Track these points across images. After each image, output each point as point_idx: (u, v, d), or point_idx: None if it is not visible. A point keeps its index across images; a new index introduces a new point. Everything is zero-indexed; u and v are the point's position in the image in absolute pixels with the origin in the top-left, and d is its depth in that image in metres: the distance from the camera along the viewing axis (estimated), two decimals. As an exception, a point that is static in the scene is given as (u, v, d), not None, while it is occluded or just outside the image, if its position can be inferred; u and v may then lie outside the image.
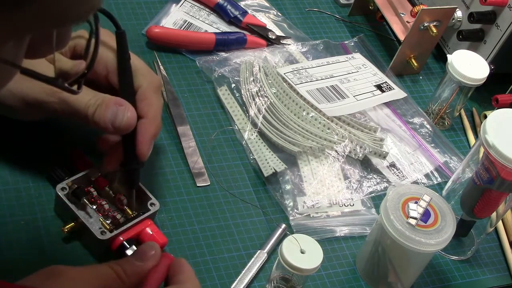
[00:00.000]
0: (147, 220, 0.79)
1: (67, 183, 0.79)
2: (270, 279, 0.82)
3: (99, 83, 0.82)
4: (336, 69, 1.07)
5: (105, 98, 0.78)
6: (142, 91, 0.81)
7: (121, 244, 0.77)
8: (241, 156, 0.95)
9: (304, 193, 0.92)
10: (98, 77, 0.82)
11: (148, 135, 0.79)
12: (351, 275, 0.88)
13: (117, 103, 0.77)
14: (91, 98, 0.78)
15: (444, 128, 1.09)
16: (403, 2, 1.16)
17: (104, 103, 0.77)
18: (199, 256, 0.83)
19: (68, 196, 0.78)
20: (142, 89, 0.81)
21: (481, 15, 1.08)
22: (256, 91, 0.99)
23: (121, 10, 1.06)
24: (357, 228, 0.92)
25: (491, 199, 0.85)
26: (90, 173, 0.81)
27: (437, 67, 1.18)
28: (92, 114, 0.77)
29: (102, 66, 0.81)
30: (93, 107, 0.77)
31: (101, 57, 0.81)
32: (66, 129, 0.88)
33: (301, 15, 1.17)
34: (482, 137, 0.81)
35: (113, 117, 0.77)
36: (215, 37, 1.05)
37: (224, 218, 0.88)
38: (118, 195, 0.81)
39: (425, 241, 0.79)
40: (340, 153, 0.95)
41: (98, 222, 0.78)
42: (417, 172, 0.99)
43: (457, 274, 0.92)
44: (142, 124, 0.79)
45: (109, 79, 0.81)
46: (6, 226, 0.79)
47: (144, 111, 0.80)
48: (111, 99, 0.78)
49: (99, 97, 0.78)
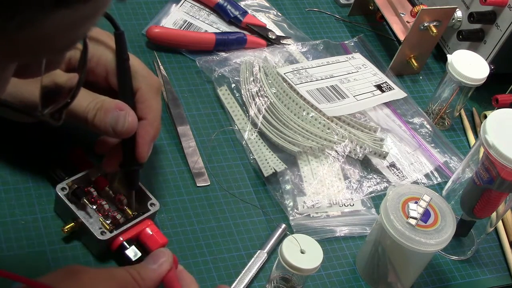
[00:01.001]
0: (147, 220, 0.79)
1: (67, 183, 0.79)
2: (270, 279, 0.82)
3: (98, 85, 0.82)
4: (336, 69, 1.07)
5: (105, 102, 0.78)
6: (142, 93, 0.81)
7: (121, 244, 0.77)
8: (241, 156, 0.95)
9: (304, 193, 0.92)
10: (97, 78, 0.81)
11: (148, 137, 0.79)
12: (351, 275, 0.88)
13: (117, 107, 0.77)
14: (91, 102, 0.77)
15: (444, 128, 1.09)
16: (403, 2, 1.16)
17: (104, 108, 0.77)
18: (199, 256, 0.83)
19: (68, 196, 0.78)
20: (142, 91, 0.81)
21: (481, 15, 1.08)
22: (256, 91, 0.99)
23: (121, 10, 1.06)
24: (357, 228, 0.92)
25: (491, 199, 0.85)
26: (90, 173, 0.81)
27: (437, 67, 1.18)
28: (92, 118, 0.77)
29: (102, 67, 0.81)
30: (92, 111, 0.77)
31: (101, 59, 0.80)
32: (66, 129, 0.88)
33: (301, 15, 1.17)
34: (482, 137, 0.81)
35: (114, 122, 0.76)
36: (215, 37, 1.05)
37: (224, 218, 0.88)
38: (118, 195, 0.81)
39: (425, 241, 0.79)
40: (340, 153, 0.95)
41: (98, 222, 0.78)
42: (417, 172, 0.99)
43: (457, 274, 0.92)
44: (141, 126, 0.79)
45: (109, 80, 0.81)
46: (6, 226, 0.79)
47: (143, 113, 0.80)
48: (111, 103, 0.77)
49: (99, 100, 0.78)
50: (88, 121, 0.77)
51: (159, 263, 0.73)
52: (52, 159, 0.84)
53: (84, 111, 0.77)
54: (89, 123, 0.77)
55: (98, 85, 0.82)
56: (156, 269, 0.73)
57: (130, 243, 0.78)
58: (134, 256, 0.77)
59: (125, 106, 0.78)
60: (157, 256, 0.74)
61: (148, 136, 0.79)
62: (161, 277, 0.73)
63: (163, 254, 0.74)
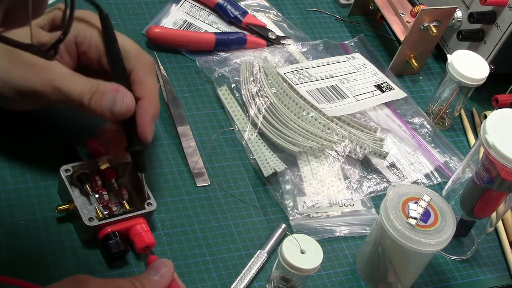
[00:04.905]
0: (140, 218, 0.80)
1: (73, 166, 0.80)
2: (270, 279, 0.82)
3: (92, 68, 0.81)
4: (336, 69, 1.07)
5: (100, 85, 0.77)
6: (136, 73, 0.80)
7: (107, 234, 0.77)
8: (241, 156, 0.95)
9: (304, 193, 0.92)
10: (91, 61, 0.81)
11: (148, 116, 0.79)
12: (351, 275, 0.88)
13: (113, 89, 0.77)
14: (85, 85, 0.77)
15: (444, 128, 1.09)
16: (403, 2, 1.16)
17: (100, 90, 0.76)
18: (199, 256, 0.83)
19: (71, 179, 0.79)
20: (136, 70, 0.80)
21: (481, 15, 1.08)
22: (256, 91, 0.99)
23: (121, 10, 1.06)
24: (357, 228, 0.92)
25: (491, 199, 0.85)
26: (99, 161, 0.81)
27: (437, 67, 1.18)
28: (88, 102, 0.76)
29: (94, 50, 0.81)
30: (88, 94, 0.76)
31: (92, 41, 0.80)
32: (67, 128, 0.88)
33: (301, 15, 1.17)
34: (482, 137, 0.81)
35: (111, 104, 0.76)
36: (215, 37, 1.05)
37: (224, 218, 0.88)
38: (122, 189, 0.81)
39: (425, 241, 0.79)
40: (340, 153, 0.95)
41: (95, 210, 0.79)
42: (417, 172, 1.00)
43: (457, 274, 0.92)
44: (140, 106, 0.79)
45: (102, 63, 0.81)
46: (6, 226, 0.79)
47: (140, 93, 0.80)
48: (106, 86, 0.77)
49: (93, 84, 0.77)
50: (84, 105, 0.77)
51: (161, 274, 0.73)
52: (70, 144, 0.84)
53: (79, 95, 0.77)
54: (85, 107, 0.77)
55: (92, 68, 0.81)
56: (158, 280, 0.73)
57: (116, 236, 0.78)
58: (116, 248, 0.77)
59: (121, 87, 0.77)
60: (158, 267, 0.74)
61: (148, 114, 0.79)
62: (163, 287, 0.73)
63: (164, 264, 0.74)
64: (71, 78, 0.77)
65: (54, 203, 0.81)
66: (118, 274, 0.79)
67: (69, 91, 0.77)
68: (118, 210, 0.80)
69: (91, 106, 0.77)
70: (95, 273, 0.78)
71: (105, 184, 0.81)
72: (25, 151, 0.85)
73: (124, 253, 0.78)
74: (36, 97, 0.77)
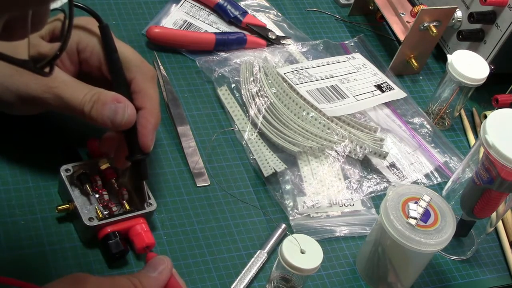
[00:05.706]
0: (140, 218, 0.80)
1: (73, 165, 0.80)
2: (270, 279, 0.82)
3: (93, 75, 0.82)
4: (336, 69, 1.07)
5: (101, 94, 0.77)
6: (137, 83, 0.80)
7: (107, 234, 0.77)
8: (241, 156, 0.95)
9: (304, 193, 0.92)
10: (92, 69, 0.81)
11: (149, 126, 0.79)
12: (351, 275, 0.88)
13: (114, 99, 0.77)
14: (87, 94, 0.77)
15: (444, 128, 1.09)
16: (403, 2, 1.16)
17: (101, 100, 0.77)
18: (199, 256, 0.83)
19: (71, 179, 0.79)
20: (136, 80, 0.80)
21: (481, 15, 1.08)
22: (256, 91, 0.99)
23: (121, 10, 1.06)
24: (357, 228, 0.92)
25: (491, 199, 0.85)
26: (99, 162, 0.81)
27: (437, 67, 1.18)
28: (88, 111, 0.77)
29: (95, 57, 0.81)
30: (89, 103, 0.77)
31: (94, 49, 0.80)
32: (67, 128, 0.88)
33: (301, 15, 1.17)
34: (482, 137, 0.81)
35: (112, 114, 0.76)
36: (215, 37, 1.05)
37: (224, 218, 0.88)
38: (122, 189, 0.81)
39: (425, 241, 0.79)
40: (340, 153, 0.95)
41: (94, 210, 0.79)
42: (417, 172, 1.00)
43: (457, 274, 0.92)
44: (141, 116, 0.79)
45: (103, 71, 0.81)
46: (6, 226, 0.79)
47: (141, 103, 0.80)
48: (108, 95, 0.77)
49: (95, 92, 0.77)
50: (85, 113, 0.77)
51: (159, 271, 0.73)
52: (71, 145, 0.85)
53: (80, 103, 0.77)
54: (86, 115, 0.77)
55: (93, 76, 0.81)
56: (156, 277, 0.73)
57: (116, 236, 0.78)
58: (116, 248, 0.77)
59: (122, 98, 0.77)
60: (156, 264, 0.74)
61: (149, 124, 0.79)
62: (162, 284, 0.73)
63: (162, 261, 0.75)
64: (72, 86, 0.77)
65: (54, 203, 0.81)
66: (118, 274, 0.79)
67: (70, 98, 0.77)
68: (118, 210, 0.80)
69: (92, 115, 0.77)
70: (95, 273, 0.78)
71: (105, 184, 0.81)
72: (25, 151, 0.85)
73: (124, 253, 0.78)
74: (36, 103, 0.77)
